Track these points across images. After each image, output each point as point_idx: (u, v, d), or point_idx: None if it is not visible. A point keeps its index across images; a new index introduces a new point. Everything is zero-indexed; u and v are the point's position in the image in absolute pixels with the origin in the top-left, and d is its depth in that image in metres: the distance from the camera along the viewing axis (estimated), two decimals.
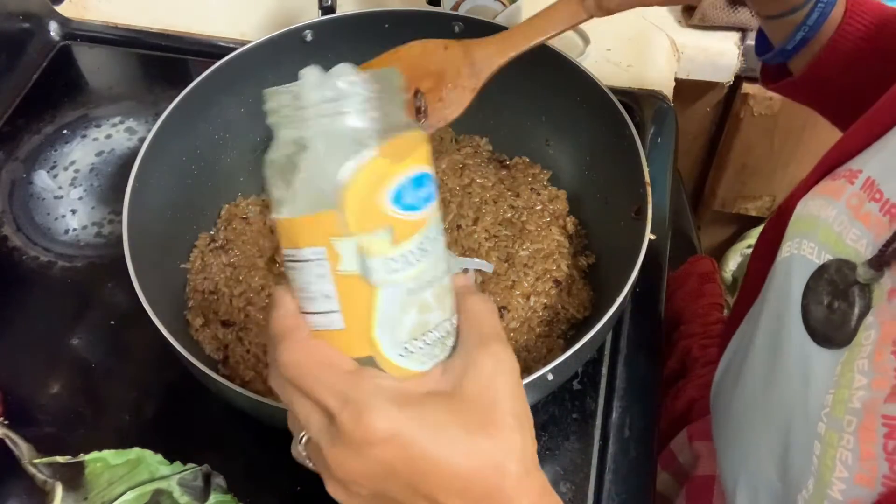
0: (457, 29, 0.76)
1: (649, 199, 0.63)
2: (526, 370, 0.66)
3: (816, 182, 0.54)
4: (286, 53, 0.76)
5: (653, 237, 0.62)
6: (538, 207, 0.75)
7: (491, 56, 0.63)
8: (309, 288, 0.37)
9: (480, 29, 0.76)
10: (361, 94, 0.35)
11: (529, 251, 0.72)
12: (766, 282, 0.55)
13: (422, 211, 0.36)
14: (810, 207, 0.52)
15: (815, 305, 0.47)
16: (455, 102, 0.63)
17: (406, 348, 0.37)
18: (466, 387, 0.37)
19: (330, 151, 0.34)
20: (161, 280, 0.66)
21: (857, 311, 0.44)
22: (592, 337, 0.57)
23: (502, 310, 0.68)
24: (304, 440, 0.40)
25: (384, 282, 0.35)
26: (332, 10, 0.79)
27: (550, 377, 0.55)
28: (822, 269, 0.48)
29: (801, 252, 0.50)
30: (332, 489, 0.38)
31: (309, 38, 0.76)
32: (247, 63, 0.74)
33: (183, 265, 0.72)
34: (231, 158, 0.77)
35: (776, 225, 0.58)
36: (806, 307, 0.48)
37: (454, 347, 0.39)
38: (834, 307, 0.46)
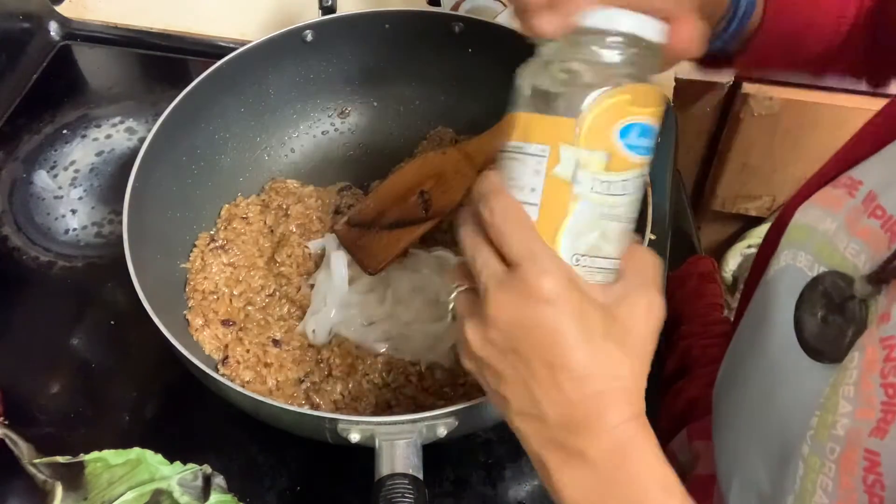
0: (456, 29, 0.76)
1: (649, 199, 0.63)
2: None
3: (818, 188, 0.53)
4: (286, 53, 0.76)
5: (653, 237, 0.62)
6: None
7: (483, 145, 0.72)
8: (521, 178, 0.42)
9: (480, 29, 0.76)
10: (628, 44, 0.41)
11: None
12: (761, 287, 0.55)
13: (637, 156, 0.42)
14: (808, 217, 0.51)
15: (808, 317, 0.47)
16: (456, 188, 0.71)
17: (578, 260, 0.42)
18: (619, 309, 0.42)
19: (592, 74, 0.41)
20: (161, 280, 0.66)
21: (853, 327, 0.43)
22: None
23: None
24: (458, 292, 0.45)
25: (585, 196, 0.41)
26: (332, 9, 0.79)
27: None
28: (817, 280, 0.47)
29: (797, 263, 0.50)
30: (470, 334, 0.43)
31: (309, 38, 0.76)
32: (247, 63, 0.74)
33: (183, 265, 0.72)
34: (231, 158, 0.77)
35: (777, 229, 0.57)
36: (799, 319, 0.47)
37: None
38: (829, 321, 0.45)
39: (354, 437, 0.53)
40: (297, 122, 0.82)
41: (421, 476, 0.50)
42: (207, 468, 0.59)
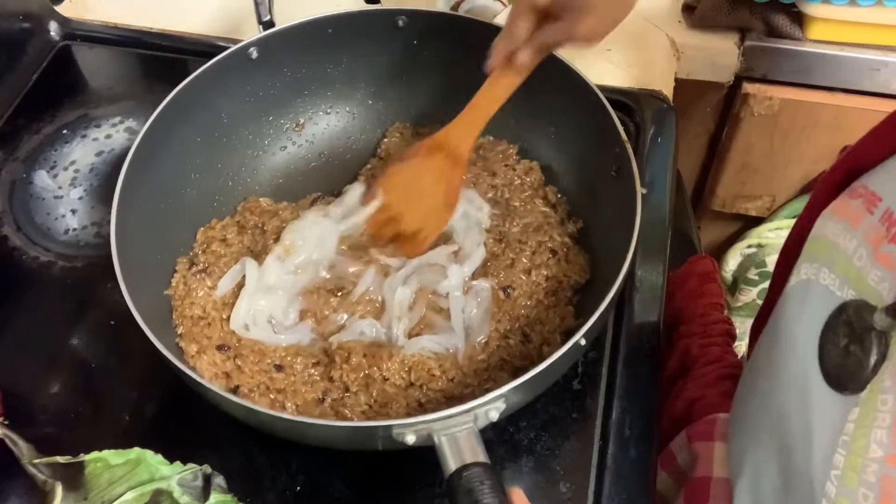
0: (400, 23, 0.76)
1: (630, 155, 0.63)
2: (544, 342, 0.66)
3: (836, 187, 0.52)
4: (233, 74, 0.75)
5: (643, 191, 0.62)
6: (517, 182, 0.76)
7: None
8: None
9: (424, 19, 0.76)
10: None
11: (520, 226, 0.72)
12: (783, 299, 0.54)
13: None
14: (829, 229, 0.50)
15: (831, 346, 0.46)
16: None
17: None
18: None
19: None
20: (152, 311, 0.65)
21: (872, 359, 0.42)
22: (612, 297, 0.58)
23: (508, 289, 0.69)
24: None
25: None
26: (271, 24, 0.77)
27: (583, 342, 0.57)
28: (842, 308, 0.46)
29: (821, 280, 0.48)
30: None
31: (254, 55, 0.75)
32: (195, 91, 0.73)
33: (166, 292, 0.71)
34: (196, 190, 0.76)
35: (796, 237, 0.57)
36: (823, 347, 0.47)
37: None
38: (850, 350, 0.44)
39: (411, 438, 0.52)
40: (254, 142, 0.80)
41: (489, 461, 0.50)
42: (207, 468, 0.59)
